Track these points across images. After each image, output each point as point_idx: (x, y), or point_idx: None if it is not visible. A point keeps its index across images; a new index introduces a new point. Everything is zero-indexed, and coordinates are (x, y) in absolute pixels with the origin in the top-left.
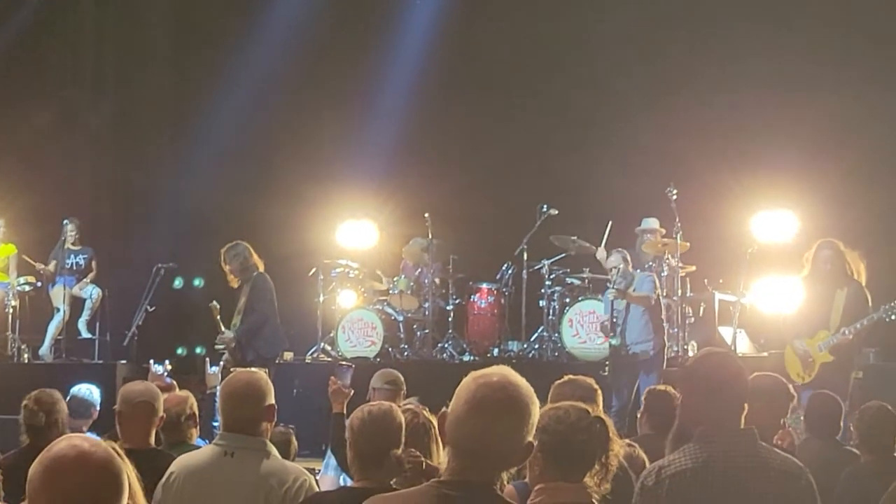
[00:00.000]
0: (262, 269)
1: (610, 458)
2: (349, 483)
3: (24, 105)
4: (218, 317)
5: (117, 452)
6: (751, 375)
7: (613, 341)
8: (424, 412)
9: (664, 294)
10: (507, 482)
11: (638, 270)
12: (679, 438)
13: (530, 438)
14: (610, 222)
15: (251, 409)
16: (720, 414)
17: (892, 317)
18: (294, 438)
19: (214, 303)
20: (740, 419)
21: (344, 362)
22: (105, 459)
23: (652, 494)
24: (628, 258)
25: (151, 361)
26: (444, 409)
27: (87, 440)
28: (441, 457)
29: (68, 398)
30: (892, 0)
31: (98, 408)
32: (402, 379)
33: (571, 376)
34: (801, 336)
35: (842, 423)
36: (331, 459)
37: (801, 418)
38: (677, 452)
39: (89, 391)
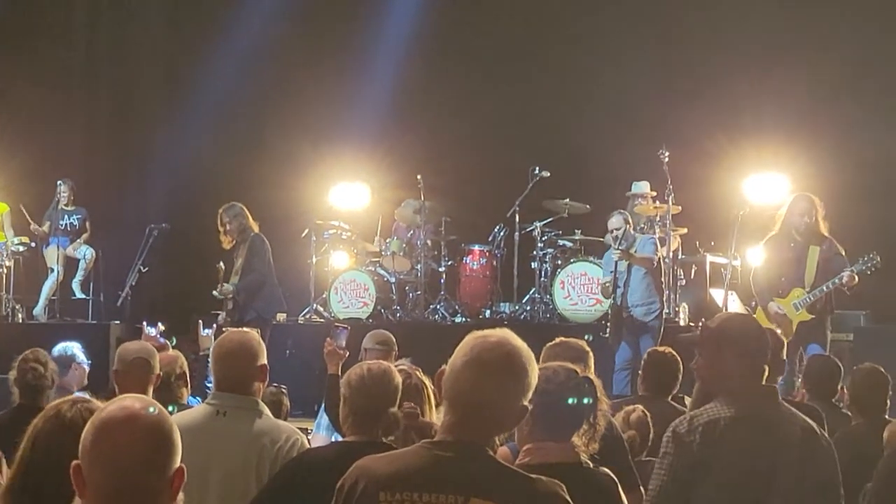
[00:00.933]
0: (257, 230)
1: (598, 417)
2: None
3: (16, 65)
4: (221, 275)
5: None
6: None
7: (615, 301)
8: (417, 373)
9: (665, 256)
10: (500, 445)
11: (639, 231)
12: (704, 398)
13: (525, 402)
14: (588, 206)
15: (244, 368)
16: (746, 373)
17: (871, 267)
18: (286, 398)
19: (221, 264)
20: (762, 378)
21: (339, 324)
22: (157, 420)
23: (684, 442)
24: (630, 220)
25: (144, 323)
26: (442, 367)
27: (139, 400)
28: (433, 417)
29: (54, 357)
30: None
31: (84, 365)
32: (394, 340)
33: (563, 338)
34: (773, 297)
35: (839, 387)
36: (323, 419)
37: (799, 380)
38: (707, 406)
39: (70, 348)
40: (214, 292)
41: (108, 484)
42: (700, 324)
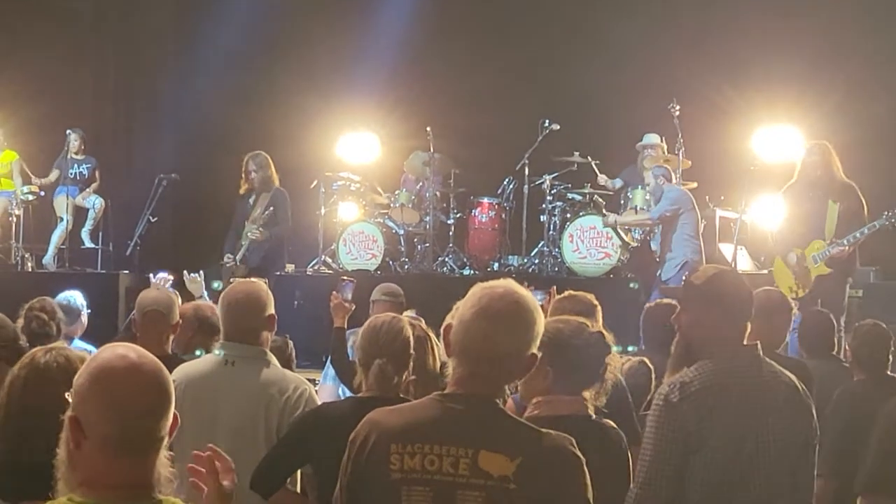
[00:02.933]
0: (278, 183)
1: (607, 371)
2: (348, 394)
3: (25, 16)
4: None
5: None
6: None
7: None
8: (421, 324)
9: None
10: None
11: (664, 184)
12: (686, 354)
13: (534, 350)
14: (594, 162)
15: (252, 318)
16: (733, 333)
17: (894, 224)
18: (291, 347)
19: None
20: (745, 335)
21: (346, 277)
22: (155, 370)
23: (677, 410)
24: (668, 174)
25: (151, 275)
26: (448, 320)
27: (134, 349)
28: (437, 368)
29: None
30: None
31: (84, 314)
32: (402, 291)
33: (572, 292)
34: (793, 247)
35: (835, 340)
36: (329, 370)
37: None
38: (695, 369)
39: (69, 298)
40: (251, 234)
41: (115, 433)
42: (684, 278)
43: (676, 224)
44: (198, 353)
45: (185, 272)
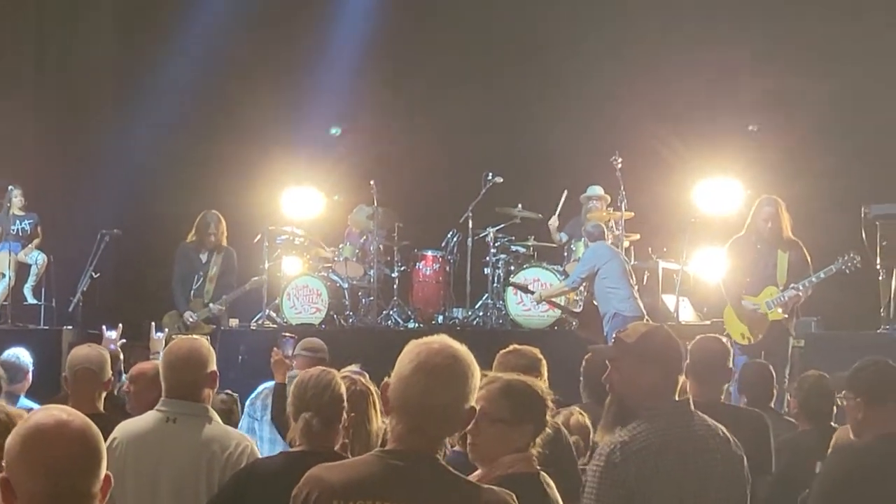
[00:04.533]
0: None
1: (546, 427)
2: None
3: None
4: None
5: None
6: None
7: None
8: (363, 379)
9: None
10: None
11: (583, 238)
12: (619, 413)
13: (472, 403)
14: (565, 191)
15: (193, 375)
16: (666, 389)
17: (850, 267)
18: (237, 406)
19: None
20: (677, 390)
21: (286, 333)
22: (84, 428)
23: (619, 469)
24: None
25: (104, 327)
26: (385, 378)
27: (65, 410)
28: (379, 423)
29: (4, 364)
30: None
31: (30, 371)
32: (324, 347)
33: (517, 346)
34: (744, 296)
35: (774, 391)
36: (244, 422)
37: (735, 387)
38: (632, 429)
39: (17, 356)
40: (214, 308)
41: (44, 491)
42: (613, 336)
43: (596, 280)
44: None
45: (152, 326)
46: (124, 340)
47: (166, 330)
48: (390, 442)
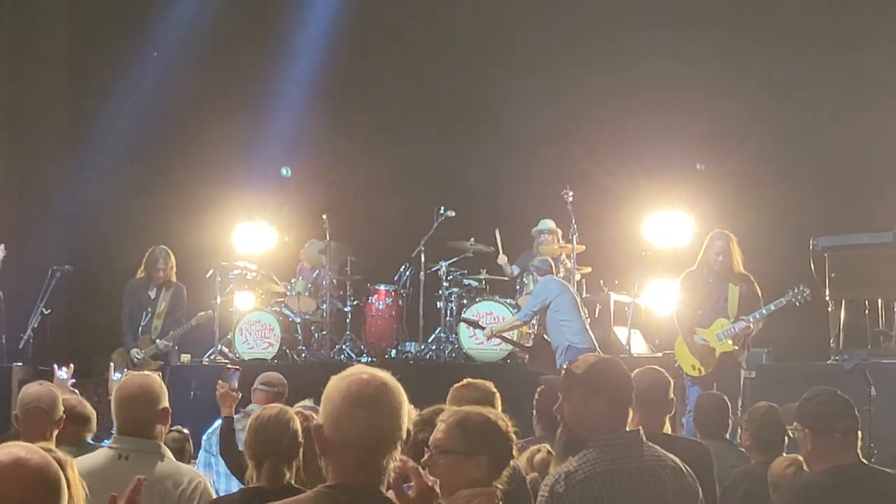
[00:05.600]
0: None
1: (510, 461)
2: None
3: None
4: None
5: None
6: (633, 371)
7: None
8: (314, 415)
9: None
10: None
11: (532, 273)
12: (570, 443)
13: (409, 426)
14: (497, 229)
15: (145, 411)
16: (615, 420)
17: (800, 300)
18: (189, 443)
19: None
20: (627, 421)
21: (231, 366)
22: (42, 465)
23: (563, 500)
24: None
25: (55, 366)
26: (315, 421)
27: (24, 447)
28: None
29: None
30: (783, 5)
31: None
32: (283, 381)
33: (471, 380)
34: (695, 328)
35: (729, 422)
36: (202, 457)
37: (690, 419)
38: (579, 458)
39: None
40: (161, 344)
41: None
42: (564, 368)
43: (548, 313)
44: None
45: (111, 367)
46: (74, 380)
47: (125, 370)
48: (334, 477)
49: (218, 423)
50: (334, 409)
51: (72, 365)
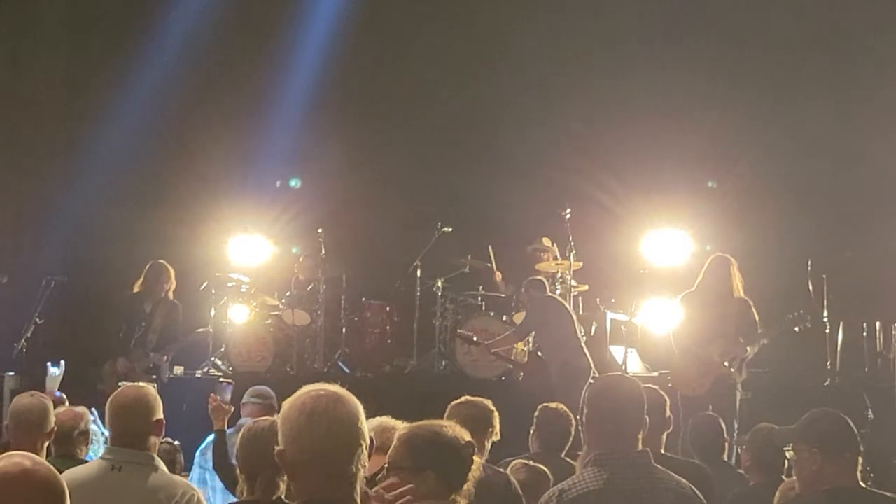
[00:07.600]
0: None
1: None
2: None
3: None
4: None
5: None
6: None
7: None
8: None
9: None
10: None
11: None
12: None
13: (371, 435)
14: (490, 246)
15: (139, 423)
16: (615, 439)
17: (801, 327)
18: (179, 454)
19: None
20: (637, 441)
21: (224, 379)
22: (49, 477)
23: None
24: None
25: (49, 363)
26: (276, 448)
27: (28, 457)
28: None
29: None
30: (784, 19)
31: None
32: (272, 394)
33: (469, 397)
34: (693, 348)
35: (725, 444)
36: (195, 472)
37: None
38: (575, 478)
39: None
40: (155, 358)
41: None
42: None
43: (544, 331)
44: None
45: (48, 365)
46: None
47: (119, 383)
48: (307, 492)
49: (211, 437)
50: (294, 425)
51: (62, 362)
